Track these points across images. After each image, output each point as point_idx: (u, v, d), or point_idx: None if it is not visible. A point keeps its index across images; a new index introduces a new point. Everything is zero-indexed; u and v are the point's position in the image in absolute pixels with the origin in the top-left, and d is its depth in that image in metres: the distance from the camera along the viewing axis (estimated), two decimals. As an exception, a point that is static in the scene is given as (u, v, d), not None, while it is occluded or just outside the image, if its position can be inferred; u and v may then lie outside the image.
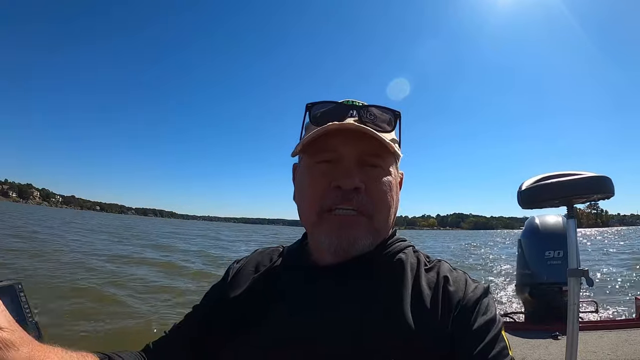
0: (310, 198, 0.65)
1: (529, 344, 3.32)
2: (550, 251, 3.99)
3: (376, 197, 0.64)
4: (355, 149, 0.64)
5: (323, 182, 0.64)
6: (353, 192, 0.62)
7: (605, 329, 3.63)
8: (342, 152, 0.64)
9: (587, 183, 1.84)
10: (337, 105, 0.68)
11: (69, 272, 8.34)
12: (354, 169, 0.63)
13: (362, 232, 0.63)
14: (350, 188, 0.61)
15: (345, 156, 0.64)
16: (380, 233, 0.67)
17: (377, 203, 0.64)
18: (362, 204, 0.62)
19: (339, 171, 0.63)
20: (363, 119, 0.65)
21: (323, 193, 0.64)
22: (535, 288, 4.08)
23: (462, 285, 0.64)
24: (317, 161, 0.66)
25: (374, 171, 0.65)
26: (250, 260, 0.80)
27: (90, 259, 10.76)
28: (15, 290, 0.66)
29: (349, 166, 0.63)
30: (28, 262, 9.05)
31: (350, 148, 0.64)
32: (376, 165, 0.65)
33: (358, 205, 0.62)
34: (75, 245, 14.37)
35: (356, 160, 0.64)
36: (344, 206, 0.62)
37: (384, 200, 0.65)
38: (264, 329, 0.64)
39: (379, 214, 0.64)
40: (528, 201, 2.01)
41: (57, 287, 6.87)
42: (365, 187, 0.63)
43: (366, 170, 0.64)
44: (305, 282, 0.68)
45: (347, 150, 0.64)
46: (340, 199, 0.62)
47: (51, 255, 10.51)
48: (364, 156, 0.64)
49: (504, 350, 0.58)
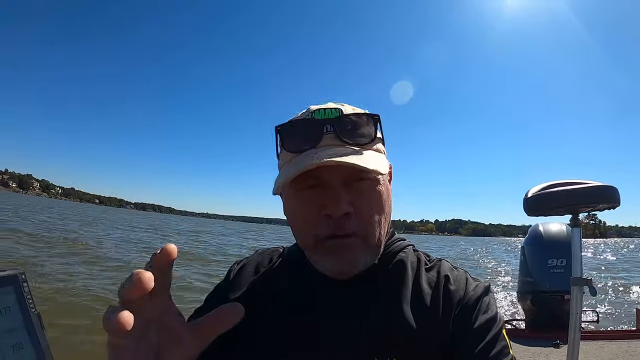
0: (303, 226, 0.64)
1: (530, 352, 3.31)
2: (553, 259, 3.98)
3: (367, 215, 0.62)
4: (340, 171, 0.60)
5: (312, 209, 0.62)
6: (343, 217, 0.59)
7: (606, 339, 3.62)
8: (325, 177, 0.61)
9: (593, 192, 1.84)
10: (307, 123, 0.63)
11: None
12: (342, 193, 0.60)
13: (359, 253, 0.62)
14: (340, 215, 0.59)
15: (331, 181, 0.61)
16: (377, 247, 0.65)
17: (369, 222, 0.62)
18: (354, 227, 0.60)
19: (326, 198, 0.60)
20: (340, 135, 0.61)
21: (314, 222, 0.61)
22: (537, 296, 4.06)
23: (463, 284, 0.64)
24: (302, 187, 0.63)
25: (361, 186, 0.62)
26: (251, 261, 0.79)
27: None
28: (19, 280, 0.66)
29: (336, 192, 0.60)
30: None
31: (333, 173, 0.60)
32: (363, 179, 0.62)
33: (350, 230, 0.60)
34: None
35: (342, 183, 0.61)
36: (338, 233, 0.60)
37: (376, 215, 0.63)
38: (265, 331, 0.64)
39: (372, 231, 0.62)
40: (534, 208, 2.00)
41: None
42: (355, 208, 0.60)
43: (354, 188, 0.61)
44: (305, 284, 0.67)
45: (331, 176, 0.61)
46: (333, 227, 0.60)
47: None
48: (350, 177, 0.61)
49: (504, 349, 0.58)
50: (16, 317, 0.64)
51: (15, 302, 0.65)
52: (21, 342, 0.63)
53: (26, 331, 0.64)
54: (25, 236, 12.45)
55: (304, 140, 0.62)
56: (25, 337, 0.64)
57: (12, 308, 0.64)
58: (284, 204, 0.70)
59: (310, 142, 0.61)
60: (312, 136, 0.61)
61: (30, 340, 0.64)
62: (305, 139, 0.62)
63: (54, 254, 9.97)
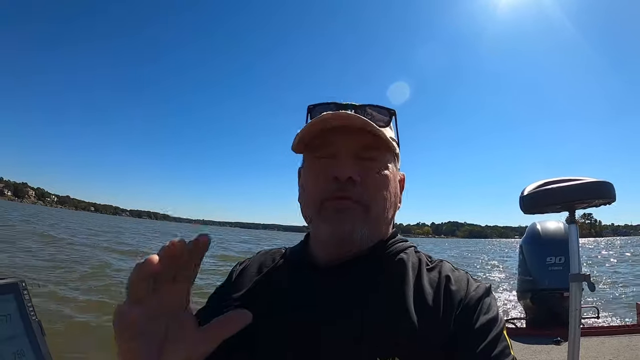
0: (312, 191, 0.69)
1: (531, 350, 3.31)
2: (551, 257, 4.00)
3: (372, 188, 0.66)
4: (352, 142, 0.67)
5: (323, 175, 0.67)
6: (349, 182, 0.64)
7: (607, 335, 3.63)
8: (339, 146, 0.67)
9: (589, 188, 1.85)
10: (336, 104, 0.71)
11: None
12: (350, 161, 0.66)
13: (358, 221, 0.65)
14: (345, 178, 0.64)
15: (343, 150, 0.67)
16: (378, 225, 0.68)
17: (372, 194, 0.66)
18: (357, 194, 0.65)
19: (335, 164, 0.66)
20: (366, 114, 0.68)
21: (322, 186, 0.67)
22: (537, 294, 4.08)
23: (464, 285, 0.64)
24: (318, 156, 0.69)
25: (370, 163, 0.67)
26: (253, 262, 0.80)
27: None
28: (19, 288, 0.66)
29: (346, 158, 0.66)
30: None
31: (347, 142, 0.67)
32: (373, 159, 0.68)
33: (354, 195, 0.64)
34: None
35: (353, 154, 0.67)
36: (340, 195, 0.65)
37: (380, 192, 0.67)
38: (267, 330, 0.64)
39: (375, 204, 0.66)
40: (530, 206, 2.01)
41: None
42: (361, 179, 0.65)
43: (363, 163, 0.66)
44: (308, 283, 0.68)
45: (345, 144, 0.67)
46: (337, 189, 0.65)
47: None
48: (361, 149, 0.67)
49: (505, 349, 0.58)
50: (17, 324, 0.64)
51: (16, 309, 0.65)
52: (22, 350, 0.63)
53: (27, 338, 0.64)
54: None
55: (328, 112, 0.68)
56: (26, 345, 0.64)
57: (12, 315, 0.64)
58: (300, 182, 0.75)
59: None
60: (336, 110, 0.68)
61: (31, 348, 0.64)
62: (330, 111, 0.68)
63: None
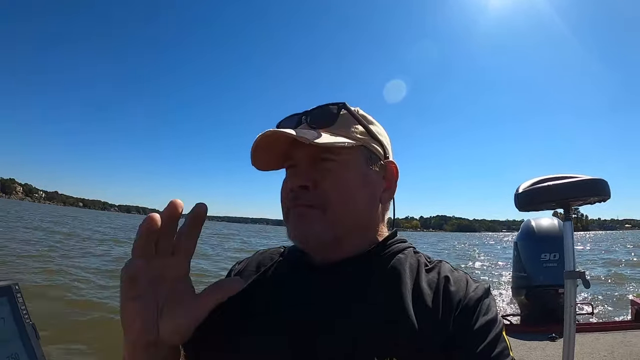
0: (281, 202, 0.72)
1: (526, 346, 3.33)
2: (546, 254, 4.03)
3: (327, 189, 0.66)
4: (303, 152, 0.68)
5: (285, 186, 0.71)
6: (301, 190, 0.67)
7: (602, 331, 3.66)
8: (295, 157, 0.70)
9: (584, 186, 1.86)
10: (294, 116, 0.75)
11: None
12: (304, 170, 0.68)
13: (316, 223, 0.65)
14: (296, 187, 0.67)
15: (298, 160, 0.70)
16: (338, 222, 0.67)
17: (328, 195, 0.66)
18: (310, 199, 0.66)
19: (292, 174, 0.70)
20: (310, 122, 0.71)
21: (284, 196, 0.70)
22: (532, 290, 4.10)
23: (463, 286, 0.64)
24: (287, 169, 0.74)
25: (325, 165, 0.68)
26: (252, 261, 0.80)
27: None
28: (12, 291, 0.65)
29: (299, 169, 0.69)
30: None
31: (299, 152, 0.69)
32: (328, 159, 0.68)
33: (307, 201, 0.66)
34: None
35: (308, 162, 0.69)
36: (295, 203, 0.67)
37: (336, 191, 0.67)
38: (264, 329, 0.64)
39: (332, 204, 0.66)
40: (525, 203, 2.02)
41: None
42: (314, 183, 0.66)
43: (319, 166, 0.68)
44: (306, 282, 0.68)
45: (298, 155, 0.70)
46: (292, 198, 0.68)
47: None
48: (314, 156, 0.68)
49: (504, 350, 0.58)
50: (10, 328, 0.63)
51: (10, 313, 0.64)
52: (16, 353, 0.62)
53: (21, 342, 0.64)
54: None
55: (286, 127, 0.70)
56: (20, 348, 0.63)
57: (6, 319, 0.63)
58: None
59: (291, 128, 0.70)
60: (291, 125, 0.72)
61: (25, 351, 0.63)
62: (287, 126, 0.71)
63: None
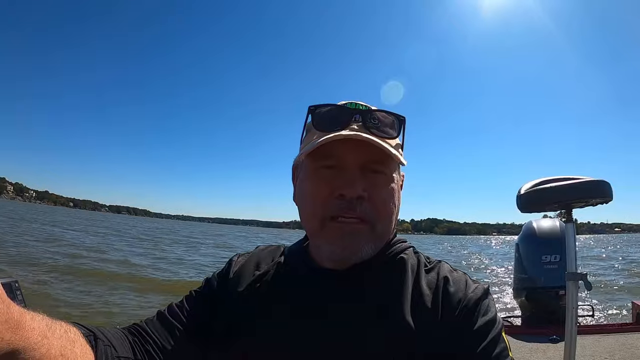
0: (313, 204, 0.65)
1: (527, 348, 3.33)
2: (547, 255, 4.02)
3: (379, 205, 0.63)
4: (359, 156, 0.63)
5: (326, 189, 0.63)
6: (356, 200, 0.61)
7: (603, 333, 3.65)
8: (346, 159, 0.63)
9: (586, 187, 1.85)
10: (340, 109, 0.67)
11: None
12: (358, 177, 0.62)
13: (364, 241, 0.63)
14: (354, 197, 0.61)
15: (349, 163, 0.63)
16: (382, 240, 0.67)
17: (380, 211, 0.63)
18: (365, 213, 0.62)
19: (342, 179, 0.62)
20: (367, 124, 0.64)
21: (326, 200, 0.63)
22: (532, 292, 4.10)
23: (463, 286, 0.64)
24: (320, 166, 0.65)
25: (377, 178, 0.64)
26: (252, 257, 0.79)
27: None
28: (12, 289, 0.65)
29: (353, 174, 0.62)
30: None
31: (354, 155, 0.63)
32: (379, 172, 0.64)
33: (361, 214, 0.62)
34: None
35: (360, 168, 0.63)
36: (347, 215, 0.61)
37: (386, 208, 0.65)
38: (264, 330, 0.64)
39: (381, 222, 0.64)
40: (527, 205, 2.01)
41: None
42: (368, 195, 0.62)
43: (369, 177, 0.63)
44: (307, 284, 0.67)
45: (351, 158, 0.63)
46: (344, 207, 0.61)
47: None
48: (367, 163, 0.64)
49: (504, 351, 0.58)
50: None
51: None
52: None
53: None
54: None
55: (334, 121, 0.65)
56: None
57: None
58: (298, 176, 0.72)
59: (339, 125, 0.64)
60: (341, 120, 0.65)
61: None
62: (335, 120, 0.65)
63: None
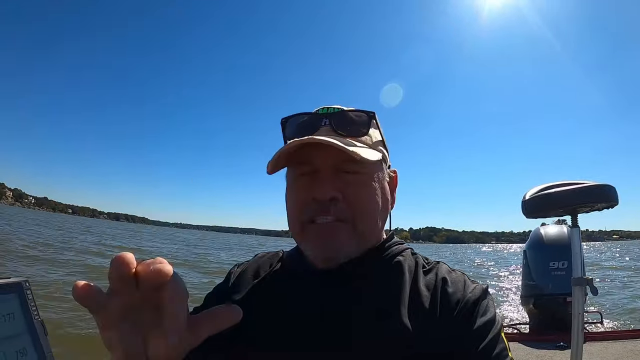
0: (293, 211, 0.68)
1: (534, 355, 3.29)
2: (554, 262, 3.98)
3: (355, 203, 0.64)
4: (330, 159, 0.64)
5: (303, 195, 0.66)
6: (330, 202, 0.63)
7: (611, 340, 3.60)
8: (318, 163, 0.65)
9: (591, 192, 1.84)
10: (310, 116, 0.69)
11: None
12: (330, 179, 0.64)
13: (344, 238, 0.64)
14: (326, 199, 0.63)
15: (321, 167, 0.65)
16: (366, 238, 0.67)
17: (356, 209, 0.64)
18: (340, 213, 0.64)
19: (315, 183, 0.64)
20: (336, 126, 0.67)
21: (302, 206, 0.66)
22: (540, 299, 4.05)
23: (461, 286, 0.64)
24: (298, 174, 0.68)
25: (353, 177, 0.65)
26: (251, 265, 0.80)
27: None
28: (22, 288, 0.66)
29: (323, 177, 0.64)
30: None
31: (323, 159, 0.65)
32: (355, 172, 0.65)
33: (336, 214, 0.63)
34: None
35: (333, 170, 0.65)
36: (322, 216, 0.64)
37: (364, 205, 0.65)
38: (263, 335, 0.64)
39: (361, 220, 0.65)
40: (532, 210, 2.00)
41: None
42: (343, 195, 0.64)
43: (344, 177, 0.65)
44: (305, 287, 0.68)
45: (322, 162, 0.65)
46: (318, 210, 0.64)
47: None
48: (340, 164, 0.65)
49: (503, 351, 0.58)
50: (20, 323, 0.64)
51: (19, 308, 0.65)
52: (25, 348, 0.63)
53: (30, 337, 0.65)
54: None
55: (303, 130, 0.67)
56: (29, 343, 0.64)
57: (15, 314, 0.64)
58: (286, 189, 0.73)
59: (308, 131, 0.66)
60: (309, 126, 0.67)
61: (33, 346, 0.64)
62: (304, 128, 0.67)
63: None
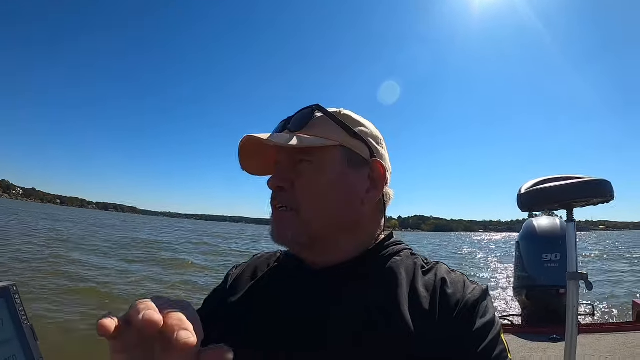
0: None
1: (527, 347, 3.33)
2: (547, 254, 4.02)
3: (299, 192, 0.67)
4: (285, 154, 0.70)
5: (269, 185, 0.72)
6: (278, 191, 0.68)
7: (603, 332, 3.65)
8: (277, 158, 0.72)
9: (587, 187, 1.84)
10: (281, 122, 0.75)
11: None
12: (280, 170, 0.69)
13: (288, 226, 0.66)
14: (273, 187, 0.69)
15: (278, 160, 0.71)
16: (310, 225, 0.67)
17: (298, 198, 0.67)
18: (284, 201, 0.68)
19: (272, 176, 0.70)
20: (289, 127, 0.71)
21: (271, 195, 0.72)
22: (533, 290, 4.11)
23: (461, 287, 0.64)
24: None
25: (304, 167, 0.68)
26: (249, 266, 0.80)
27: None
28: (10, 292, 0.64)
29: (278, 169, 0.70)
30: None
31: (281, 155, 0.71)
32: (308, 161, 0.68)
33: (282, 202, 0.68)
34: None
35: (287, 163, 0.70)
36: (273, 203, 0.70)
37: (308, 193, 0.67)
38: (261, 334, 0.64)
39: (305, 207, 0.66)
40: (527, 204, 2.01)
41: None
42: (293, 184, 0.68)
43: (299, 167, 0.68)
44: (302, 287, 0.68)
45: (280, 158, 0.71)
46: (271, 198, 0.70)
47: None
48: (294, 158, 0.69)
49: (503, 352, 0.58)
50: (8, 329, 0.63)
51: (7, 314, 0.63)
52: (14, 355, 0.61)
53: (19, 343, 0.63)
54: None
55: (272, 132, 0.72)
56: (18, 349, 0.62)
57: (4, 320, 0.62)
58: None
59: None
60: (276, 130, 0.73)
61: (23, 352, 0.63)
62: (273, 132, 0.72)
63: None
